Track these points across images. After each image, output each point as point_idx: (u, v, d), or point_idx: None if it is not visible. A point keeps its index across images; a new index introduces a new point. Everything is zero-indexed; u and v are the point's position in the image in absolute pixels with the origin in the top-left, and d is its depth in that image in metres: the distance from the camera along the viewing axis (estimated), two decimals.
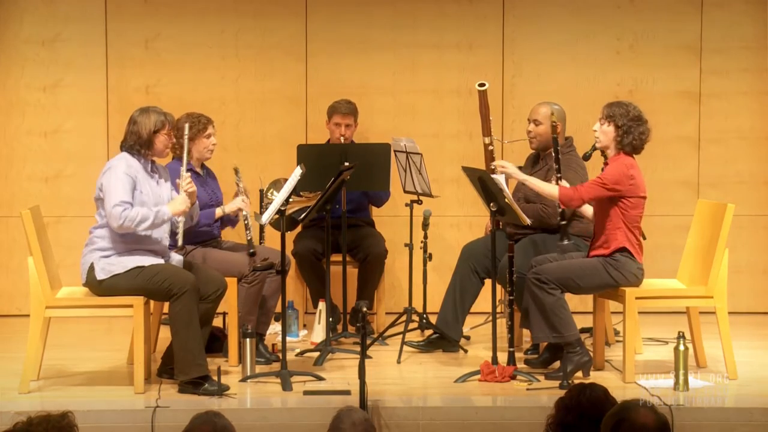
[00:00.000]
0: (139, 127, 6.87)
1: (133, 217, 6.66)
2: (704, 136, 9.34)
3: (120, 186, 6.70)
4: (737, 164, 9.42)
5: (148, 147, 6.88)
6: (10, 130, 9.40)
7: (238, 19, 9.43)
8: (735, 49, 9.46)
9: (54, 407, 4.74)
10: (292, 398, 6.81)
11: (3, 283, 8.97)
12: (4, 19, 9.34)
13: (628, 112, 7.06)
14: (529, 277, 7.07)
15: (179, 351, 6.87)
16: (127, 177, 6.75)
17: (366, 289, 8.49)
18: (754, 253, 9.17)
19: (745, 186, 9.25)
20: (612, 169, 7.03)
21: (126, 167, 6.79)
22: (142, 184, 6.84)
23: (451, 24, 9.46)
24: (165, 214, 6.80)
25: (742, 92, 9.48)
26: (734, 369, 7.25)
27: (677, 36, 9.48)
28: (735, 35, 9.45)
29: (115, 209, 6.65)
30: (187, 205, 6.86)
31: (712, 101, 9.48)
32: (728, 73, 9.47)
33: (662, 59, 9.47)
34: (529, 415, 6.02)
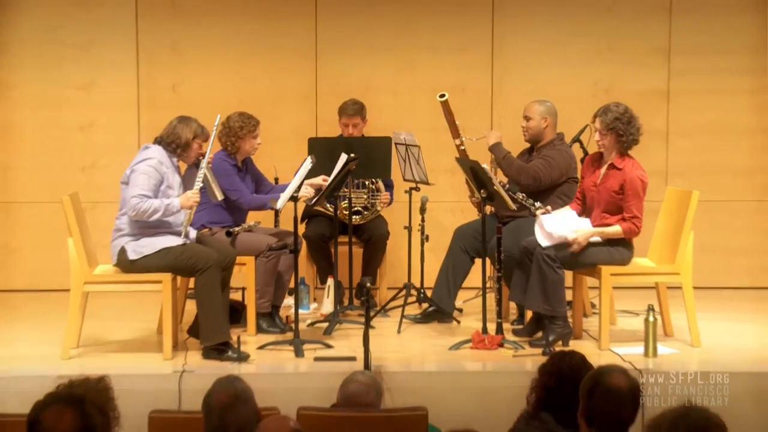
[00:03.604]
0: (179, 131, 6.95)
1: (146, 209, 6.74)
2: (672, 130, 9.36)
3: (144, 179, 6.79)
4: (702, 155, 9.44)
5: (183, 150, 6.98)
6: (49, 125, 9.43)
7: (254, 24, 9.45)
8: (700, 52, 9.47)
9: (92, 371, 4.78)
10: (304, 364, 6.85)
11: (45, 262, 9.00)
12: (44, 23, 9.35)
13: (622, 117, 7.10)
14: (540, 252, 7.10)
15: (204, 320, 6.92)
16: (155, 172, 6.83)
17: (370, 266, 8.51)
18: (717, 235, 9.18)
19: (710, 175, 9.27)
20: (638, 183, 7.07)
21: (158, 162, 6.87)
22: (169, 178, 6.92)
23: (446, 28, 9.47)
24: (174, 206, 6.85)
25: (707, 91, 9.48)
26: (698, 338, 7.29)
27: (649, 40, 9.49)
28: (700, 39, 9.46)
29: (133, 200, 6.74)
30: (195, 201, 6.90)
31: (680, 99, 9.50)
32: (694, 74, 9.48)
33: (635, 60, 9.49)
34: (515, 380, 6.02)
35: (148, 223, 6.84)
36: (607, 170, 7.21)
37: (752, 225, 9.56)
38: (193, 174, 7.04)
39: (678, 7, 9.47)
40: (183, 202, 6.88)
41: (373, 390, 5.56)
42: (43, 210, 8.99)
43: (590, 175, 7.34)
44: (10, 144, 9.44)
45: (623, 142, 7.10)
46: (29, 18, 9.36)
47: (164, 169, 6.90)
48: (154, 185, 6.82)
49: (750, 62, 9.49)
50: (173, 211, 6.86)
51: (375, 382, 5.64)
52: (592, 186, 7.27)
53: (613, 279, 7.26)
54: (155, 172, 6.84)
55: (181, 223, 6.95)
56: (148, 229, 6.88)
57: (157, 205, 6.77)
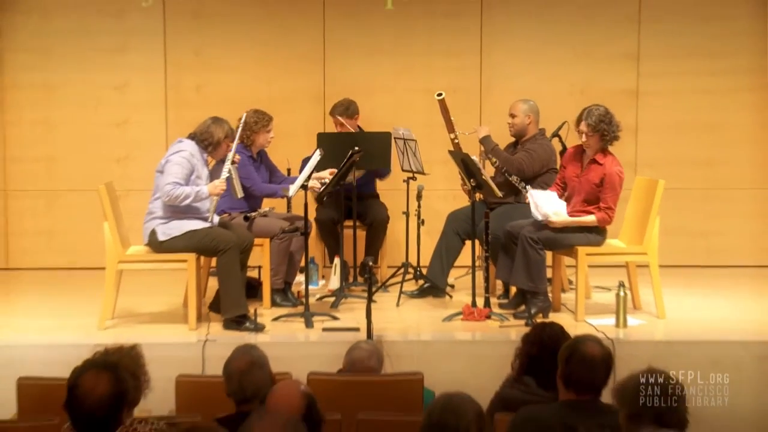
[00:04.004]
0: (213, 130, 6.97)
1: (178, 194, 6.75)
2: (641, 126, 9.33)
3: (178, 169, 6.80)
4: (668, 148, 9.42)
5: (214, 147, 6.99)
6: (88, 121, 9.41)
7: (269, 31, 9.42)
8: (665, 57, 9.45)
9: (125, 340, 4.79)
10: (313, 334, 6.86)
11: (84, 243, 8.99)
12: (84, 31, 9.32)
13: (605, 118, 7.11)
14: (525, 234, 7.09)
15: (224, 295, 6.92)
16: (187, 163, 6.85)
17: (372, 247, 8.49)
18: (681, 219, 9.16)
19: (674, 166, 9.25)
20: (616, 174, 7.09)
21: (189, 155, 6.88)
22: (199, 170, 6.92)
23: (440, 36, 9.44)
24: (204, 193, 6.86)
25: (672, 91, 9.47)
26: (663, 311, 7.30)
27: (620, 46, 9.47)
28: (665, 45, 9.44)
29: (167, 186, 6.76)
30: (222, 188, 6.90)
31: (647, 98, 9.48)
32: (660, 76, 9.46)
33: (607, 64, 9.47)
34: (500, 348, 6.02)
35: (178, 208, 6.85)
36: (589, 164, 7.22)
37: (711, 210, 9.54)
38: (220, 168, 7.04)
39: (646, 16, 9.43)
40: (211, 190, 6.88)
41: (375, 357, 5.56)
42: (82, 197, 8.98)
43: (572, 167, 7.34)
44: (54, 138, 9.43)
45: (606, 140, 7.13)
46: (71, 27, 9.34)
47: (195, 161, 6.90)
48: (185, 174, 6.83)
49: (710, 66, 9.46)
50: (202, 197, 6.87)
51: (376, 350, 5.64)
52: (574, 177, 7.29)
53: (588, 258, 7.27)
54: (187, 163, 6.85)
55: (207, 209, 6.96)
56: (176, 213, 6.89)
57: (188, 191, 6.79)
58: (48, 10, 9.33)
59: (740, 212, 9.57)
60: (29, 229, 9.45)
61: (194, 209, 6.92)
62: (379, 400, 5.09)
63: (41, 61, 9.37)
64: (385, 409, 4.89)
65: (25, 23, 9.33)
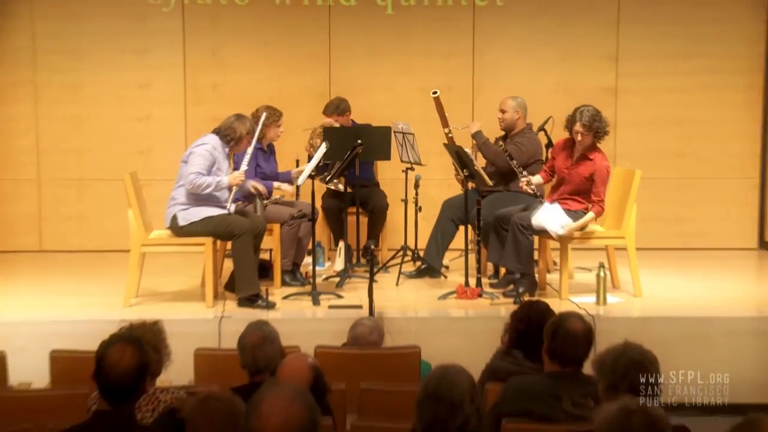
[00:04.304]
0: (236, 126, 6.98)
1: (200, 183, 6.78)
2: (619, 121, 9.31)
3: (201, 160, 6.82)
4: (644, 141, 9.42)
5: (236, 143, 7.01)
6: (115, 117, 9.41)
7: (279, 34, 9.40)
8: (641, 58, 9.45)
9: (147, 317, 4.80)
10: (320, 311, 6.87)
11: (110, 228, 8.99)
12: (111, 34, 9.32)
13: (596, 116, 7.09)
14: (515, 221, 7.10)
15: (239, 275, 6.93)
16: (210, 155, 6.87)
17: (373, 232, 8.49)
18: (656, 206, 9.16)
19: (650, 157, 9.23)
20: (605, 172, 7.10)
21: (212, 148, 6.90)
22: (220, 162, 6.93)
23: (436, 38, 9.42)
24: (224, 183, 6.88)
25: (647, 89, 9.47)
26: (639, 289, 7.31)
27: (600, 48, 9.46)
28: (642, 47, 9.43)
29: (191, 176, 6.78)
30: (241, 179, 6.92)
31: (625, 95, 9.48)
32: (636, 75, 9.46)
33: (589, 64, 9.46)
34: (491, 323, 6.02)
35: (199, 196, 6.87)
36: (579, 158, 7.20)
37: (684, 198, 9.55)
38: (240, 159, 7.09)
39: (624, 21, 9.43)
40: (230, 180, 6.90)
41: (376, 332, 5.56)
42: (108, 186, 8.98)
43: (562, 158, 7.32)
44: (84, 132, 9.42)
45: (600, 136, 7.12)
46: (99, 31, 9.33)
47: (216, 154, 6.91)
48: (208, 165, 6.84)
49: (683, 66, 9.46)
50: (222, 186, 6.88)
51: (378, 326, 5.64)
52: (564, 168, 7.27)
53: (572, 242, 7.25)
54: (210, 155, 6.87)
55: (226, 199, 6.96)
56: (197, 201, 6.91)
57: (209, 181, 6.80)
58: (78, 15, 9.32)
59: (711, 200, 9.57)
60: (61, 214, 9.46)
61: (214, 198, 6.93)
62: (380, 371, 5.10)
63: (72, 62, 9.36)
64: (386, 380, 4.89)
65: (57, 28, 9.32)
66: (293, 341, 5.24)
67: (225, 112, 7.56)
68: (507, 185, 7.75)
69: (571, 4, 9.46)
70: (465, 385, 3.32)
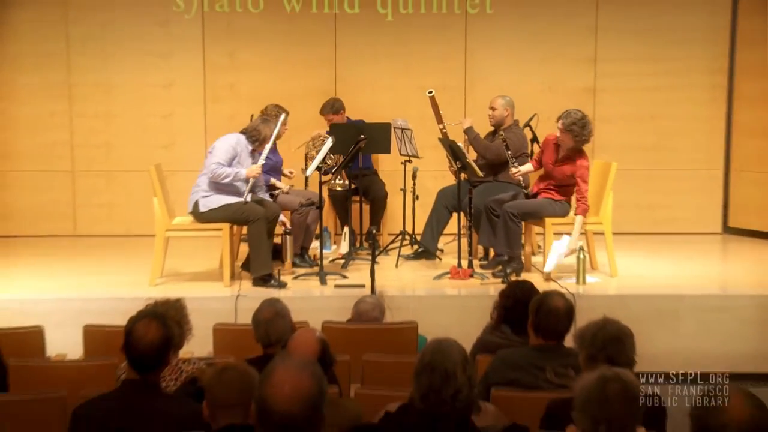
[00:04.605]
0: (261, 128, 7.04)
1: (220, 173, 6.79)
2: (597, 117, 9.26)
3: (223, 152, 6.85)
4: (619, 136, 9.40)
5: (261, 143, 7.05)
6: (140, 114, 9.38)
7: (289, 39, 9.35)
8: (617, 60, 9.43)
9: (171, 295, 4.79)
10: (327, 290, 6.87)
11: (137, 214, 8.97)
12: (137, 38, 9.29)
13: (578, 122, 7.04)
14: (506, 210, 7.09)
15: (254, 258, 6.93)
16: (232, 149, 6.90)
17: (374, 218, 8.47)
18: (631, 194, 9.12)
19: (625, 150, 9.21)
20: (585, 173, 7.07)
21: (236, 143, 6.94)
22: (242, 157, 6.93)
23: (432, 43, 9.39)
24: (242, 175, 6.87)
25: (623, 88, 9.45)
26: (615, 270, 7.32)
27: (581, 52, 9.43)
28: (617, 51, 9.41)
29: (212, 165, 6.81)
30: (258, 173, 6.92)
31: (603, 94, 9.46)
32: (613, 76, 9.44)
33: (570, 66, 9.44)
34: (481, 301, 6.03)
35: (219, 185, 6.88)
36: (563, 157, 7.20)
37: (656, 187, 9.54)
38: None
39: (602, 27, 9.40)
40: (248, 173, 6.90)
41: (378, 309, 5.57)
42: (135, 176, 8.96)
43: (548, 154, 7.33)
44: (113, 128, 9.40)
45: (578, 141, 7.09)
46: (126, 36, 9.30)
47: (239, 149, 6.94)
48: (229, 158, 6.86)
49: (655, 68, 9.44)
50: (240, 177, 6.88)
51: (379, 303, 5.65)
52: (550, 163, 7.28)
53: (554, 227, 7.26)
54: (232, 150, 6.90)
55: (244, 189, 6.95)
56: (217, 189, 6.91)
57: (229, 171, 6.82)
58: (108, 21, 9.28)
59: (681, 189, 9.56)
60: (93, 202, 9.45)
61: (233, 187, 6.92)
62: (381, 344, 5.10)
63: (103, 64, 9.33)
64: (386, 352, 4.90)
65: (89, 33, 9.29)
66: (302, 317, 5.25)
67: (240, 110, 7.61)
68: (496, 176, 7.75)
69: (554, 12, 9.43)
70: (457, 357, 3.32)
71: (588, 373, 3.12)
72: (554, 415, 3.51)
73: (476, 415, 3.31)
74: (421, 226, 8.03)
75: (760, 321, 6.64)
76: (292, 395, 2.45)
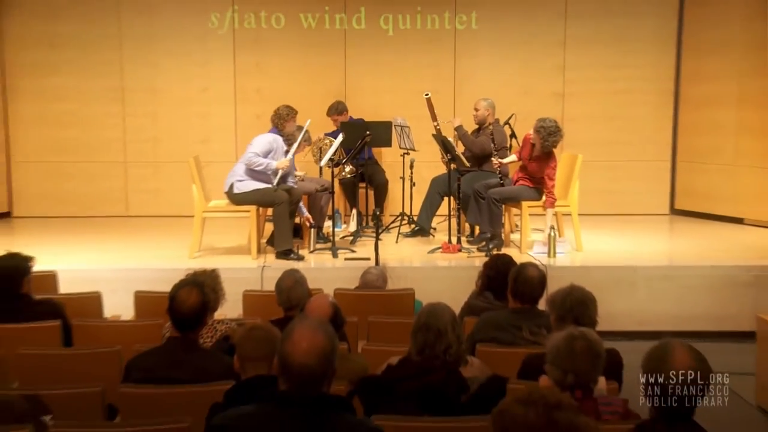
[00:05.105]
0: (296, 134, 7.09)
1: (255, 161, 6.78)
2: (566, 117, 9.24)
3: (261, 146, 6.84)
4: (585, 132, 9.34)
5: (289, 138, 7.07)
6: (182, 114, 9.35)
7: (306, 51, 9.31)
8: (583, 68, 9.38)
9: (207, 266, 4.79)
10: (338, 262, 6.85)
11: (179, 198, 8.92)
12: (176, 50, 9.26)
13: (547, 128, 7.01)
14: (490, 195, 7.07)
15: (278, 235, 6.91)
16: (269, 144, 6.88)
17: (378, 202, 8.42)
18: (594, 181, 9.05)
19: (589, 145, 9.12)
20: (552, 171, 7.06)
21: (273, 140, 6.93)
22: (277, 153, 6.91)
23: (426, 52, 9.35)
24: (272, 165, 6.85)
25: (588, 92, 9.41)
26: (581, 245, 7.29)
27: (551, 61, 9.38)
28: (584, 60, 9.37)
29: (249, 154, 6.80)
30: (287, 165, 6.90)
31: (571, 98, 9.42)
32: (579, 82, 9.39)
33: (542, 74, 9.39)
34: (468, 271, 6.03)
35: (252, 172, 6.86)
36: (536, 156, 7.18)
37: (615, 176, 9.49)
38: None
39: (569, 40, 9.35)
40: (278, 165, 6.87)
41: (381, 278, 5.56)
42: (177, 167, 8.90)
43: (526, 150, 7.35)
44: (159, 125, 9.37)
45: (544, 145, 7.06)
46: (171, 47, 9.25)
47: (275, 146, 6.92)
48: (265, 151, 6.84)
49: (616, 74, 9.39)
50: (271, 168, 6.86)
51: (382, 273, 5.63)
52: (526, 158, 7.29)
53: (530, 209, 7.24)
54: (268, 144, 6.88)
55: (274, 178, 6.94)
56: (251, 176, 6.89)
57: (263, 161, 6.81)
58: (155, 35, 9.24)
59: (634, 177, 9.52)
60: (142, 188, 9.43)
61: (264, 175, 6.90)
62: (384, 308, 5.10)
63: (150, 72, 9.30)
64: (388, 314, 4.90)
65: (139, 44, 9.25)
66: (317, 285, 5.24)
67: (266, 110, 7.57)
68: (480, 166, 7.71)
69: (529, 28, 9.36)
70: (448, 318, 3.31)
71: (558, 332, 3.11)
72: (530, 367, 3.50)
73: (464, 367, 3.30)
74: (418, 209, 8.00)
75: (701, 287, 6.64)
76: (309, 350, 2.44)
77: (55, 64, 9.22)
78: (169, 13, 9.26)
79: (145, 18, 9.25)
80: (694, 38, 9.23)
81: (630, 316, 6.51)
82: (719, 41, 8.90)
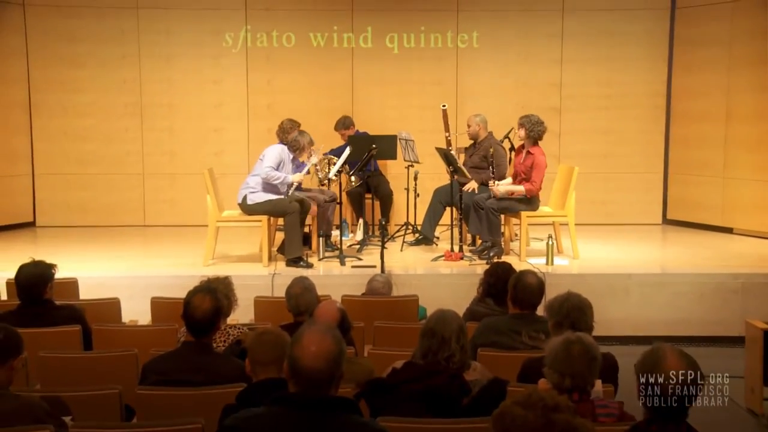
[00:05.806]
0: (299, 139, 7.08)
1: (273, 175, 6.84)
2: (563, 131, 9.25)
3: (273, 159, 6.91)
4: (580, 146, 9.33)
5: (301, 151, 7.10)
6: (197, 128, 9.35)
7: (316, 68, 9.30)
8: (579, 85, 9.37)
9: (220, 273, 4.78)
10: (346, 269, 6.84)
11: (194, 208, 8.93)
12: (191, 68, 9.27)
13: (531, 119, 7.10)
14: (488, 206, 7.06)
15: (288, 243, 6.92)
16: (278, 156, 6.95)
17: (384, 211, 8.40)
18: (589, 192, 9.06)
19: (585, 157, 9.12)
20: (542, 160, 7.06)
21: (281, 151, 7.00)
22: (285, 164, 6.96)
23: (429, 70, 9.34)
24: (288, 179, 6.88)
25: (583, 108, 9.39)
26: (577, 253, 7.27)
27: (548, 79, 9.37)
28: (580, 77, 9.35)
29: (266, 168, 6.86)
30: (301, 179, 6.96)
31: (567, 113, 9.39)
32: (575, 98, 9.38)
33: (540, 90, 9.38)
34: (470, 279, 6.01)
35: (265, 185, 6.89)
36: (526, 154, 7.18)
37: (609, 187, 9.47)
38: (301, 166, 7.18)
39: (565, 58, 9.33)
40: (293, 178, 6.93)
41: (387, 285, 5.55)
42: (193, 178, 8.93)
43: (518, 156, 7.39)
44: (175, 139, 9.37)
45: (531, 135, 7.05)
46: (187, 66, 9.27)
47: (284, 156, 6.99)
48: (277, 163, 6.91)
49: (609, 92, 9.38)
50: (287, 182, 6.90)
51: (388, 280, 5.62)
52: (519, 163, 7.29)
53: (528, 219, 7.22)
54: (279, 156, 6.95)
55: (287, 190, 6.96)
56: (263, 188, 6.92)
57: (280, 175, 6.88)
58: (172, 55, 9.26)
59: (628, 188, 9.49)
60: (159, 198, 9.43)
61: (275, 187, 6.93)
62: (389, 313, 5.09)
63: (167, 88, 9.30)
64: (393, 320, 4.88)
65: (158, 64, 9.26)
66: (326, 291, 5.23)
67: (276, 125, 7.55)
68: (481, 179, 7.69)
69: (527, 46, 9.35)
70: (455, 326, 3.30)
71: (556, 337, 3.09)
72: (529, 370, 3.49)
73: (466, 371, 3.29)
74: (422, 218, 7.98)
75: (692, 294, 6.61)
76: (318, 354, 2.43)
77: (78, 81, 9.24)
78: (185, 33, 9.28)
79: (162, 38, 9.27)
80: (685, 57, 9.24)
81: (624, 321, 6.48)
82: (708, 59, 8.93)
